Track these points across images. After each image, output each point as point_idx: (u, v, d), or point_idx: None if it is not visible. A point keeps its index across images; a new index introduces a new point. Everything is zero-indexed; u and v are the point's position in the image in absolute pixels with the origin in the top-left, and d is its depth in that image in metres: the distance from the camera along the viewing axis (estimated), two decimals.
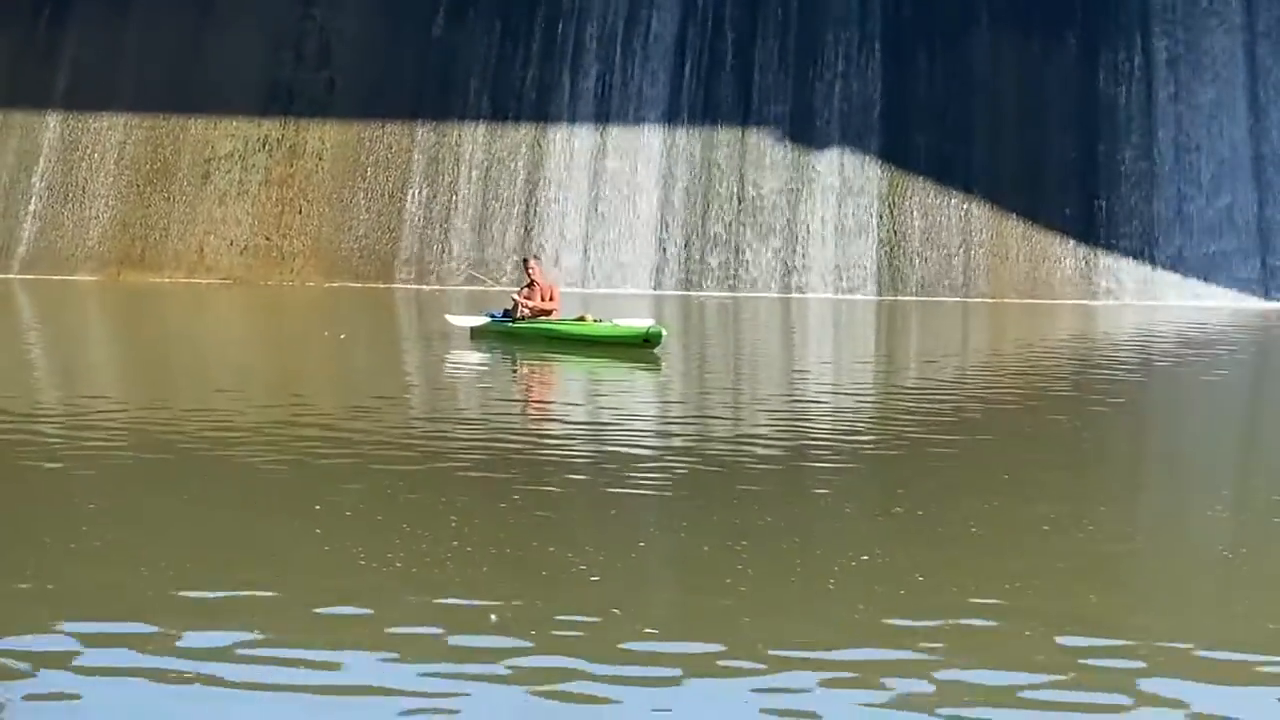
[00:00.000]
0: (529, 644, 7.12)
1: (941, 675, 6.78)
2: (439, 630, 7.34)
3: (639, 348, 21.54)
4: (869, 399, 18.93)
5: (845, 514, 10.64)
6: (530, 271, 24.12)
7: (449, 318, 25.13)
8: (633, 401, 17.85)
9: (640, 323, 23.18)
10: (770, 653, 7.09)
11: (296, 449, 12.87)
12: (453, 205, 43.30)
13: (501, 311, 24.18)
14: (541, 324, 23.22)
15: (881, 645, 7.22)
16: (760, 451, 13.39)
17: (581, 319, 23.32)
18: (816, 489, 11.58)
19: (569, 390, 19.40)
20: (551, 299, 23.71)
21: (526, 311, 23.44)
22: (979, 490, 11.47)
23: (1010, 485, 11.85)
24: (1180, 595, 8.48)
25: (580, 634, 7.31)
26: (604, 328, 22.64)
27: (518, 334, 23.20)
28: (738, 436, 14.58)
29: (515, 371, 20.94)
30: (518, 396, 18.55)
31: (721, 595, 8.18)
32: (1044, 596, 8.22)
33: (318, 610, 7.64)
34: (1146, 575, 9.01)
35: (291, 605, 7.75)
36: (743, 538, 9.49)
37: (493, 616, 7.54)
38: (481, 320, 24.14)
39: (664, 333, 21.94)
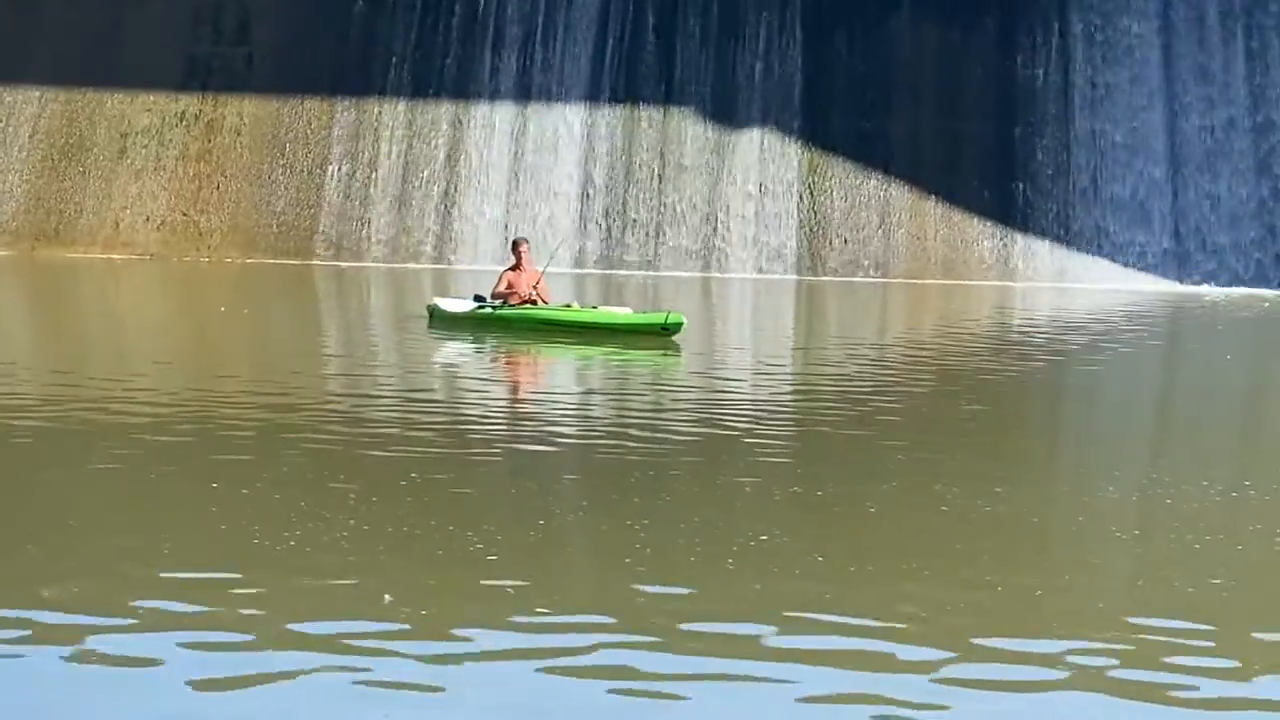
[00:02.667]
0: (422, 623, 7.12)
1: (836, 656, 6.83)
2: (331, 610, 7.33)
3: (656, 336, 20.68)
4: (779, 381, 19.04)
5: (746, 494, 10.69)
6: (520, 254, 22.51)
7: (438, 300, 23.23)
8: (551, 384, 17.86)
9: (621, 309, 22.31)
10: (665, 630, 7.12)
11: (198, 426, 12.80)
12: (372, 182, 43.13)
13: (474, 296, 22.64)
14: (534, 311, 21.78)
15: (776, 624, 7.26)
16: (667, 433, 13.44)
17: (569, 307, 22.27)
18: (720, 470, 11.64)
19: (503, 375, 19.36)
20: (537, 286, 22.18)
21: (522, 296, 21.92)
22: (879, 472, 11.56)
23: (908, 467, 11.94)
24: (1073, 575, 8.58)
25: (473, 613, 7.31)
26: (620, 316, 21.64)
27: (508, 321, 21.70)
28: (649, 419, 14.62)
29: (498, 359, 19.94)
30: (443, 378, 18.50)
31: (619, 574, 8.21)
32: (939, 576, 8.30)
33: (204, 588, 7.60)
34: (1040, 554, 9.11)
35: (179, 584, 7.71)
36: (644, 517, 9.53)
37: (387, 597, 7.53)
38: (469, 305, 22.37)
39: (684, 321, 21.12)
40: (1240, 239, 42.94)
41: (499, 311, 21.83)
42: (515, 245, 22.94)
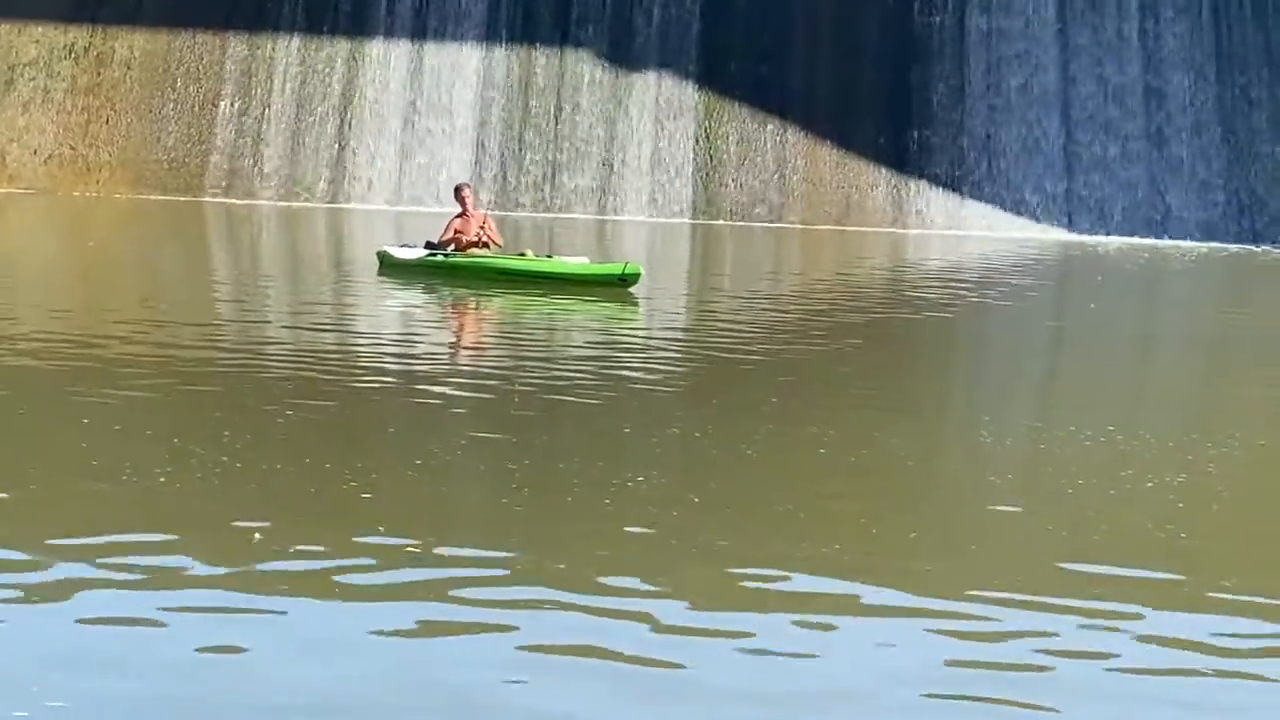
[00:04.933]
0: (289, 562, 7.06)
1: (709, 597, 6.84)
2: (198, 549, 7.24)
3: (613, 287, 20.15)
4: (666, 326, 19.08)
5: (626, 436, 10.69)
6: (464, 199, 21.88)
7: (388, 248, 22.20)
8: (453, 326, 17.78)
9: (577, 258, 21.66)
10: (538, 569, 7.10)
11: (69, 362, 12.63)
12: (265, 119, 42.64)
13: (425, 243, 21.91)
14: (488, 260, 21.15)
15: (654, 563, 7.26)
16: (552, 377, 13.43)
17: (523, 255, 21.66)
18: (601, 413, 11.64)
19: (403, 315, 19.22)
20: (484, 226, 21.64)
21: (470, 238, 21.38)
22: (758, 416, 11.59)
23: (787, 411, 11.99)
24: (947, 518, 8.65)
25: (342, 551, 7.25)
26: (576, 266, 21.02)
27: (459, 269, 21.03)
28: (535, 362, 14.62)
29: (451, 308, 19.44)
30: (335, 318, 18.36)
31: (493, 513, 8.19)
32: (812, 518, 8.34)
33: (65, 526, 7.49)
34: (914, 497, 9.17)
35: (39, 519, 7.60)
36: (524, 457, 9.52)
37: (255, 535, 7.46)
38: (419, 253, 21.60)
39: (641, 271, 20.61)
40: (1131, 189, 43.44)
41: (451, 259, 21.24)
42: (458, 190, 22.34)
